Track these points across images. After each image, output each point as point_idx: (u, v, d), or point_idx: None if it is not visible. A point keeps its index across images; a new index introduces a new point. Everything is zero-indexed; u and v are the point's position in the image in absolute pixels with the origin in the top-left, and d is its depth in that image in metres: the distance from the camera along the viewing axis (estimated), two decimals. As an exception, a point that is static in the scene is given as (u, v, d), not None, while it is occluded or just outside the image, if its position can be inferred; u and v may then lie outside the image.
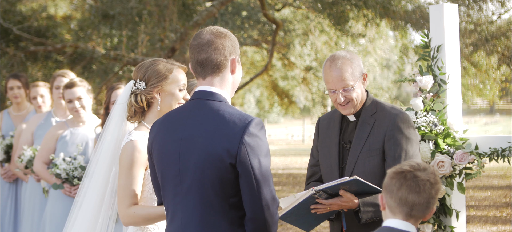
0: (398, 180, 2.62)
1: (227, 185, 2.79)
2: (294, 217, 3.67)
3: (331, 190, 3.52)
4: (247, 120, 2.80)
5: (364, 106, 3.78)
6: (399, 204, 2.62)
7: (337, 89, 3.68)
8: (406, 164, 2.66)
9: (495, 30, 11.78)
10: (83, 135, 5.59)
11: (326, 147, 3.88)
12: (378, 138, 3.66)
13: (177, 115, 2.96)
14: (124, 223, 3.32)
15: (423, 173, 2.62)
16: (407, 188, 2.60)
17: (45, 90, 6.60)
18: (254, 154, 2.77)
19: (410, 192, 2.60)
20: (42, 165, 5.59)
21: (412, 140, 3.66)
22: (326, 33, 16.95)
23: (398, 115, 3.68)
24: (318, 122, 4.02)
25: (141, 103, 3.44)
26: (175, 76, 3.47)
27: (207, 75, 2.92)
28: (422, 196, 2.60)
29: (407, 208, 2.61)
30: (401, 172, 2.63)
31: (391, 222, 2.65)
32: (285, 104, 24.97)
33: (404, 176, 2.62)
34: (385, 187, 2.68)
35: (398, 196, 2.61)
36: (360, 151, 3.68)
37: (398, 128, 3.64)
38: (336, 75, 3.66)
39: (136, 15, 12.14)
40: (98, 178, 3.53)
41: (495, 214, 11.04)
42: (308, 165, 4.05)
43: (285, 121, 55.22)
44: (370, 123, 3.72)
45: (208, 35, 2.92)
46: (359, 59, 3.75)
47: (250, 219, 2.81)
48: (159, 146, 2.95)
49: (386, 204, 2.68)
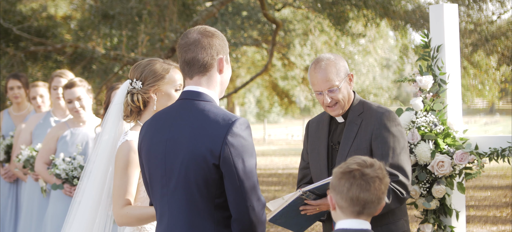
0: (347, 180, 2.58)
1: (212, 185, 2.78)
2: (284, 219, 3.66)
3: (318, 190, 3.51)
4: (231, 120, 2.77)
5: (352, 107, 3.80)
6: (350, 204, 2.58)
7: (323, 91, 3.71)
8: (353, 162, 2.62)
9: (495, 30, 11.78)
10: (83, 135, 5.59)
11: (315, 149, 3.90)
12: (366, 138, 3.68)
13: (164, 116, 2.95)
14: (118, 223, 3.33)
15: (371, 169, 2.59)
16: (357, 187, 2.56)
17: (45, 90, 6.60)
18: (237, 155, 2.74)
19: (361, 191, 2.56)
20: (42, 166, 5.59)
21: (399, 138, 3.67)
22: (326, 33, 16.96)
23: (384, 114, 3.69)
24: (308, 125, 4.04)
25: (138, 103, 3.45)
26: (171, 76, 3.47)
27: (194, 74, 2.90)
28: (373, 193, 2.57)
29: (359, 207, 2.58)
30: (349, 171, 2.59)
31: (344, 223, 2.61)
32: (285, 104, 24.97)
33: (353, 176, 2.57)
34: (333, 187, 2.63)
35: (349, 196, 2.57)
36: (348, 151, 3.70)
37: (385, 126, 3.66)
38: (321, 77, 3.69)
39: (136, 15, 12.14)
40: (95, 177, 3.54)
41: (495, 214, 11.04)
42: (298, 168, 4.07)
43: (285, 121, 55.21)
44: (357, 123, 3.74)
45: (195, 35, 2.91)
46: (344, 60, 3.78)
47: (235, 220, 2.79)
48: (147, 146, 2.95)
49: (337, 205, 2.63)
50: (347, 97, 3.76)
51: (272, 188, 15.13)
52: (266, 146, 31.50)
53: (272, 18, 14.56)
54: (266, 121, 41.47)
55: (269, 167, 20.45)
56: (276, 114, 50.64)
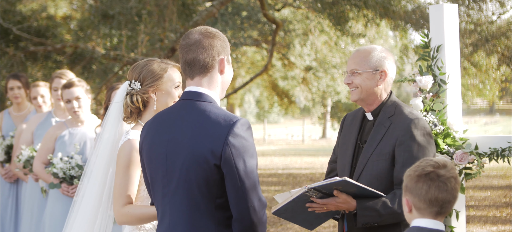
0: (424, 182, 2.69)
1: (213, 186, 2.79)
2: (290, 214, 3.63)
3: (325, 189, 3.47)
4: (232, 120, 2.78)
5: (384, 107, 3.73)
6: (429, 205, 2.70)
7: (348, 71, 3.75)
8: (426, 164, 2.72)
9: (495, 30, 11.77)
10: (82, 135, 5.58)
11: (344, 144, 3.86)
12: (390, 142, 3.60)
13: (165, 116, 2.96)
14: (118, 221, 3.33)
15: (445, 170, 2.71)
16: (436, 189, 2.68)
17: (46, 90, 6.59)
18: (239, 155, 2.75)
19: (440, 192, 2.68)
20: (41, 165, 5.59)
21: (425, 148, 3.58)
22: (326, 33, 16.96)
23: (413, 121, 3.60)
24: (344, 118, 4.00)
25: (137, 103, 3.46)
26: (169, 75, 3.48)
27: (195, 75, 2.91)
28: (451, 193, 2.70)
29: (438, 207, 2.70)
30: (426, 174, 2.70)
31: (420, 222, 2.72)
32: (285, 104, 24.98)
33: (430, 178, 2.69)
34: (409, 190, 2.73)
35: (428, 198, 2.69)
36: (371, 153, 3.63)
37: (411, 134, 3.57)
38: (352, 56, 3.76)
39: (135, 15, 12.14)
40: (96, 178, 3.55)
41: (495, 214, 11.04)
42: (328, 161, 4.06)
43: (285, 121, 55.23)
44: (386, 126, 3.66)
45: (196, 35, 2.92)
46: (384, 55, 3.72)
47: (236, 220, 2.80)
48: (148, 147, 2.95)
49: (414, 206, 2.74)
50: (367, 90, 3.69)
51: (272, 188, 15.13)
52: (266, 146, 31.51)
53: (272, 18, 14.56)
54: (266, 121, 41.47)
55: (269, 167, 20.45)
56: (276, 114, 50.66)
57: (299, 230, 9.77)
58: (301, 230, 9.76)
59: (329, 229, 9.75)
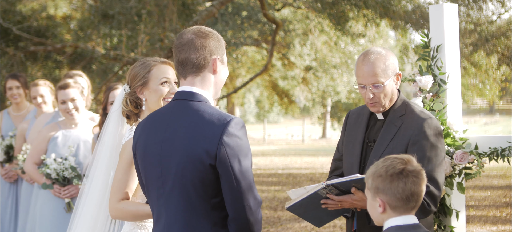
0: (399, 180, 2.72)
1: (208, 186, 2.78)
2: (303, 210, 3.59)
3: (343, 186, 3.43)
4: (226, 120, 2.77)
5: (394, 106, 3.68)
6: (406, 201, 2.73)
7: (366, 85, 3.57)
8: (395, 163, 2.76)
9: (495, 30, 11.79)
10: (75, 137, 5.53)
11: (350, 143, 3.81)
12: (402, 142, 3.57)
13: (158, 116, 2.95)
14: (112, 216, 3.34)
15: (411, 164, 2.76)
16: (412, 184, 2.72)
17: (45, 89, 6.57)
18: (233, 155, 2.75)
19: (415, 186, 2.73)
20: (32, 166, 5.56)
21: (438, 148, 3.56)
22: (326, 33, 16.97)
23: (426, 121, 3.57)
24: (347, 116, 3.94)
25: (129, 106, 3.50)
26: (154, 73, 3.49)
27: (188, 74, 2.91)
28: (421, 185, 2.76)
29: (414, 202, 2.74)
30: (399, 172, 2.73)
31: (396, 221, 2.75)
32: (285, 104, 25.00)
33: (404, 175, 2.72)
34: (382, 190, 2.74)
35: (406, 195, 2.72)
36: (382, 152, 3.58)
37: (424, 133, 3.54)
38: (367, 70, 3.55)
39: (135, 15, 12.14)
40: (97, 181, 3.57)
41: (495, 214, 11.04)
42: (332, 159, 3.99)
43: (285, 121, 55.24)
44: (397, 125, 3.62)
45: (189, 35, 2.92)
46: (394, 58, 3.65)
47: (232, 219, 2.80)
48: (142, 148, 2.94)
49: (388, 206, 2.75)
50: (390, 96, 3.62)
51: (272, 188, 15.12)
52: (266, 146, 31.50)
53: (272, 18, 14.56)
54: (266, 121, 41.46)
55: (269, 167, 20.44)
56: (276, 114, 50.67)
57: (299, 230, 9.77)
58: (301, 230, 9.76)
59: (329, 229, 9.74)
